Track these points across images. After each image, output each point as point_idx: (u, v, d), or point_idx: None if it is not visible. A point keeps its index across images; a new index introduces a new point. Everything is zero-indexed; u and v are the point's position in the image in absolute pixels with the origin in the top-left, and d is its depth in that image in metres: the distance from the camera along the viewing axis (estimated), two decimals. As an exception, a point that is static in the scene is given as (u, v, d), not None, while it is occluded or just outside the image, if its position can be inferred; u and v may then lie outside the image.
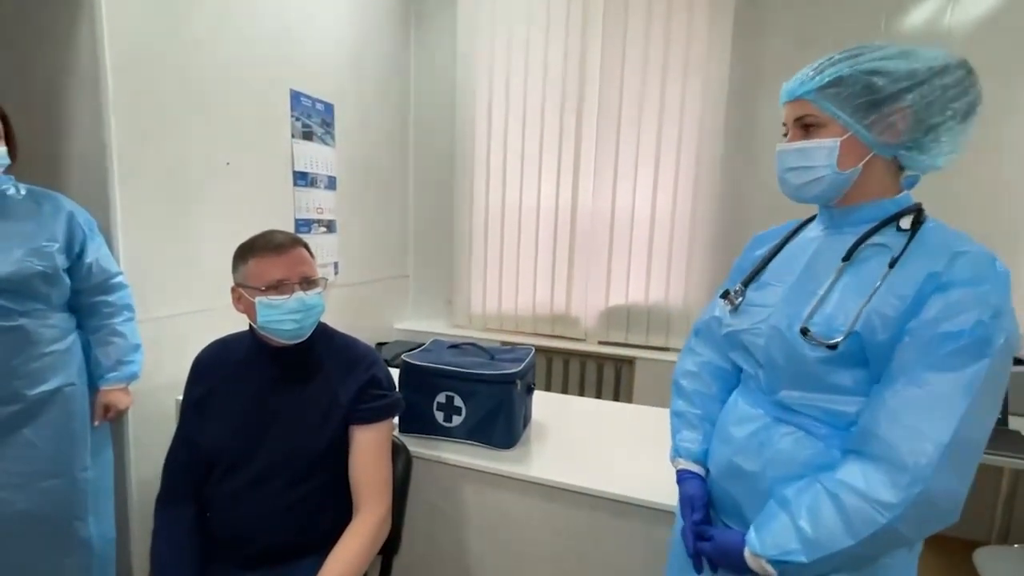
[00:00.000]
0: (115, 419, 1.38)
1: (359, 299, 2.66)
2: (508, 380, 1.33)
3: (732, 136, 2.39)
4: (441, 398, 1.36)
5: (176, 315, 1.65)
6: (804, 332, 0.73)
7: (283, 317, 1.00)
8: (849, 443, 0.70)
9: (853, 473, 0.66)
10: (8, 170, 1.23)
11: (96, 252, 1.33)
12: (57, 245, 1.24)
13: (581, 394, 2.64)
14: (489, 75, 2.69)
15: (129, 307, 1.41)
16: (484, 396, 1.33)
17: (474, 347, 1.52)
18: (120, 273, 1.40)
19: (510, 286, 2.82)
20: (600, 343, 2.67)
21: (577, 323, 2.72)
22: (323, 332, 1.12)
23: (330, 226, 2.38)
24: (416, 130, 3.01)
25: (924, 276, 0.67)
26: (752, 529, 0.72)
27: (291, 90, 2.10)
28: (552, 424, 1.55)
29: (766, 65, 2.32)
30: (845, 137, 0.73)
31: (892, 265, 0.70)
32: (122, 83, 1.47)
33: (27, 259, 1.18)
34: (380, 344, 2.75)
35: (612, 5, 2.44)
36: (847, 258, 0.74)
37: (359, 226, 2.60)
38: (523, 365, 1.38)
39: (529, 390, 1.47)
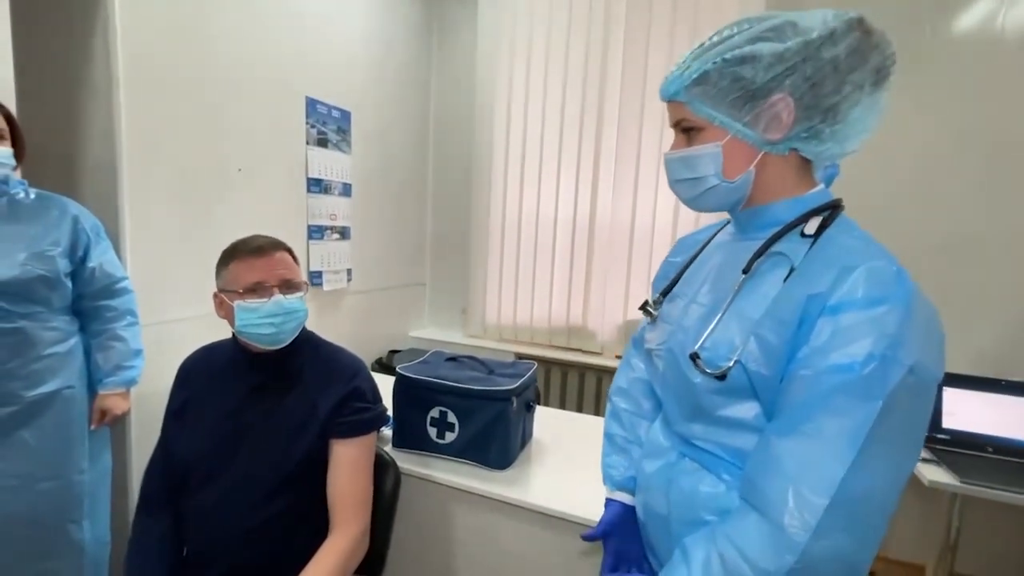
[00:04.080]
0: (112, 424, 1.39)
1: (373, 306, 2.65)
2: (503, 397, 1.26)
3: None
4: (435, 413, 1.31)
5: (183, 319, 1.66)
6: (694, 358, 0.63)
7: (261, 321, 0.97)
8: (739, 488, 0.61)
9: (739, 529, 0.57)
10: (24, 174, 1.26)
11: (100, 257, 1.34)
12: (59, 249, 1.25)
13: (597, 410, 2.54)
14: (509, 83, 2.65)
15: (132, 312, 1.41)
16: (478, 413, 1.27)
17: (474, 360, 1.46)
18: (125, 278, 1.41)
19: (526, 297, 2.76)
20: (617, 357, 2.57)
21: (594, 336, 2.63)
22: (308, 340, 1.08)
23: (344, 233, 2.38)
24: (435, 138, 3.00)
25: (805, 298, 0.57)
26: None
27: (307, 97, 2.11)
28: (556, 444, 1.47)
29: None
30: (726, 140, 0.63)
31: (786, 281, 0.60)
32: (134, 91, 1.50)
33: (29, 262, 1.19)
34: (393, 352, 2.73)
35: (635, 11, 2.37)
36: (747, 270, 0.63)
37: (375, 233, 2.60)
38: (521, 381, 1.32)
39: (528, 407, 1.40)
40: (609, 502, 0.84)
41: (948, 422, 1.63)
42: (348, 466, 1.01)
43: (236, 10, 1.78)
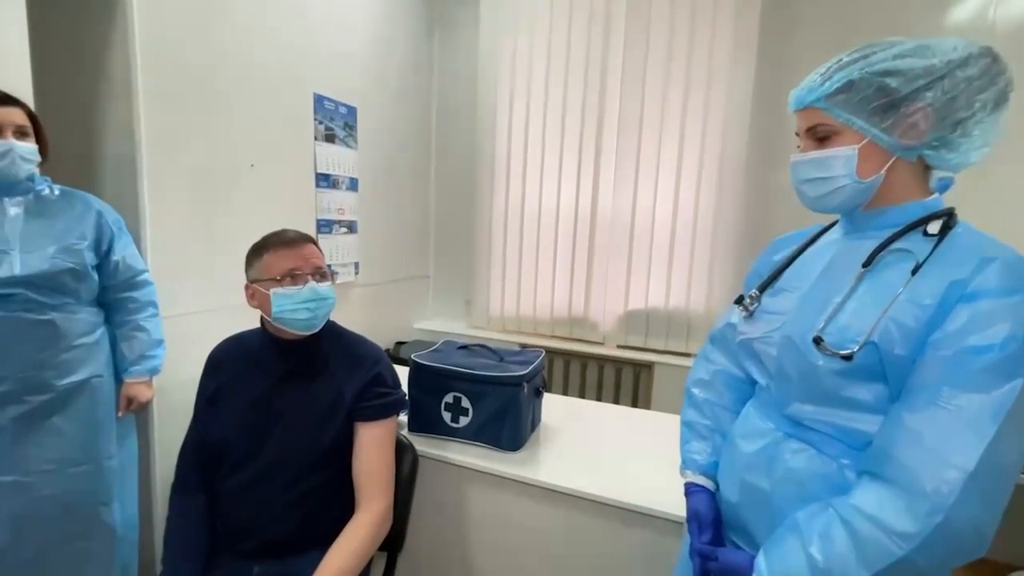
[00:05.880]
0: (138, 411, 1.44)
1: (380, 298, 2.71)
2: (515, 382, 1.32)
3: (757, 137, 2.33)
4: (449, 398, 1.37)
5: (200, 311, 1.71)
6: (817, 342, 0.68)
7: (297, 306, 1.03)
8: (864, 464, 0.65)
9: (868, 498, 0.61)
10: (43, 171, 1.30)
11: (123, 250, 1.39)
12: (86, 243, 1.30)
13: (598, 398, 2.61)
14: (511, 77, 2.70)
15: (153, 304, 1.46)
16: (491, 398, 1.33)
17: (484, 348, 1.52)
18: (145, 271, 1.46)
19: (529, 288, 2.82)
20: (618, 347, 2.64)
21: (595, 326, 2.69)
22: (331, 329, 1.14)
23: (351, 227, 2.42)
24: (438, 132, 3.05)
25: (947, 284, 0.61)
26: (761, 553, 0.68)
27: (314, 93, 2.15)
28: (563, 428, 1.53)
29: (795, 64, 2.25)
30: (863, 143, 0.68)
31: (915, 272, 0.65)
32: (152, 89, 1.54)
33: (58, 256, 1.24)
34: (400, 343, 2.79)
35: (635, 7, 2.41)
36: (867, 264, 0.69)
37: (380, 227, 2.65)
38: (531, 368, 1.38)
39: (538, 393, 1.46)
40: (694, 489, 0.86)
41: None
42: (372, 447, 1.07)
43: (246, 10, 1.82)
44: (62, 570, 1.31)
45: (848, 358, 0.65)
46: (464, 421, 1.36)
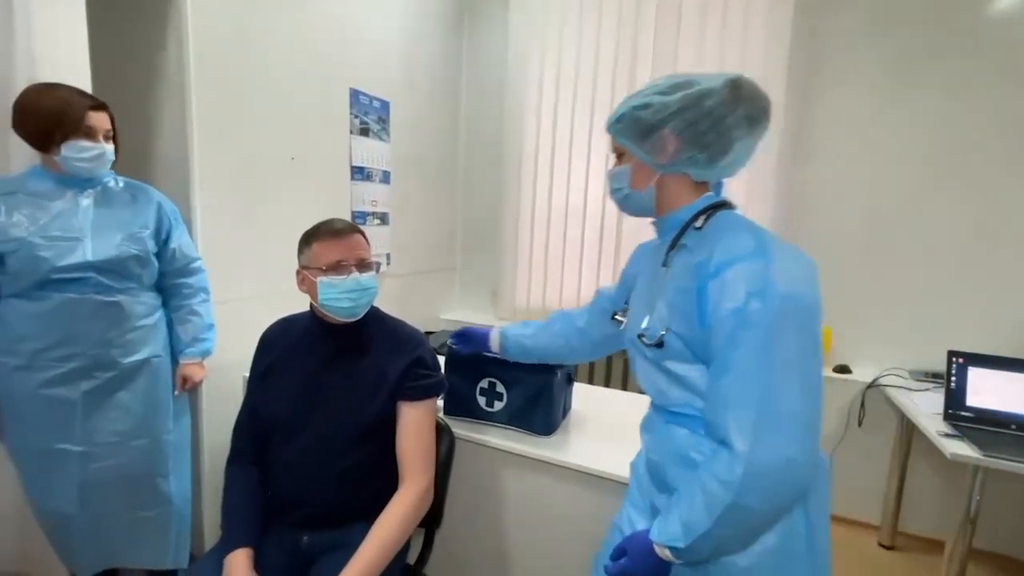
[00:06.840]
0: (192, 390, 1.53)
1: (408, 289, 2.78)
2: (548, 369, 1.37)
3: (788, 133, 2.31)
4: (484, 384, 1.42)
5: (245, 298, 1.80)
6: (640, 338, 0.83)
7: (341, 296, 1.09)
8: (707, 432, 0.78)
9: (712, 460, 0.73)
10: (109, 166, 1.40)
11: (179, 239, 1.48)
12: (148, 231, 1.39)
13: (624, 389, 2.64)
14: (539, 71, 2.73)
15: (205, 289, 1.55)
16: (525, 383, 1.38)
17: (517, 336, 1.56)
18: (199, 258, 1.55)
19: (554, 281, 2.85)
20: (644, 340, 2.65)
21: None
22: (375, 314, 1.20)
23: (384, 218, 2.50)
24: (466, 126, 3.09)
25: (694, 265, 0.76)
26: (655, 523, 0.78)
27: (350, 89, 2.22)
28: (592, 415, 1.57)
29: (827, 61, 2.22)
30: (633, 162, 0.86)
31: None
32: (202, 90, 1.62)
33: (124, 243, 1.33)
34: (428, 333, 2.85)
35: (665, 2, 2.41)
36: (665, 263, 0.84)
37: (410, 219, 2.72)
38: (563, 355, 1.42)
39: (569, 380, 1.51)
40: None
41: (972, 400, 1.69)
42: (415, 426, 1.12)
43: (287, 10, 1.89)
44: (123, 536, 1.41)
45: (660, 345, 0.80)
46: (499, 406, 1.42)
